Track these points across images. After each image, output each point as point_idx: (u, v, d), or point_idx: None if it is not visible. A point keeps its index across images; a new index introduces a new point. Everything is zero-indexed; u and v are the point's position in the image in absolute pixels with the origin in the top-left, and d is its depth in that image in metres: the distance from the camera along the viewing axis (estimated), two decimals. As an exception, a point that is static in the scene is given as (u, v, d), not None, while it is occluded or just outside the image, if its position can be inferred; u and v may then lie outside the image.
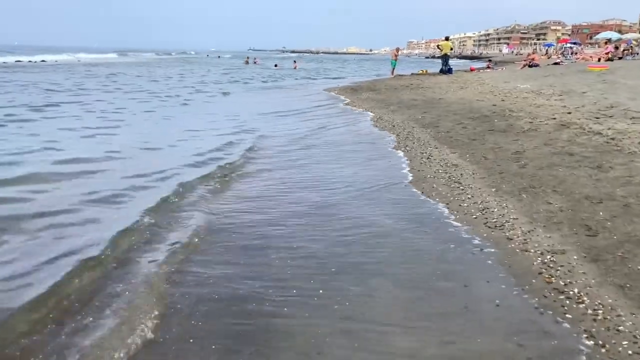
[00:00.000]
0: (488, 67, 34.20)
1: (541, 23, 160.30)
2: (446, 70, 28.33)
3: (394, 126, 10.40)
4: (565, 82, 16.59)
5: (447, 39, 30.40)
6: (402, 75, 29.22)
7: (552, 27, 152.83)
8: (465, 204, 5.24)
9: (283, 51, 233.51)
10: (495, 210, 4.97)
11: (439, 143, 8.46)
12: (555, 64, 28.78)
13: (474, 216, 4.88)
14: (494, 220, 4.71)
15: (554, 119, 9.58)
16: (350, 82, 26.50)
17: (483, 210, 5.02)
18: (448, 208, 5.19)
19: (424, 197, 5.67)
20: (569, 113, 10.08)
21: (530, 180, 5.85)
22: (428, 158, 7.40)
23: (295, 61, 46.41)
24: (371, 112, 12.94)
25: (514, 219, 4.70)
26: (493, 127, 9.44)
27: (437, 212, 5.09)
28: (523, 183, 5.76)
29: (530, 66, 28.53)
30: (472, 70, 32.60)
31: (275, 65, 44.79)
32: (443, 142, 8.48)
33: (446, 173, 6.50)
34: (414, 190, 5.90)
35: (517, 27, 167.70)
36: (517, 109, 11.27)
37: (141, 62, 57.46)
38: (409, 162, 7.29)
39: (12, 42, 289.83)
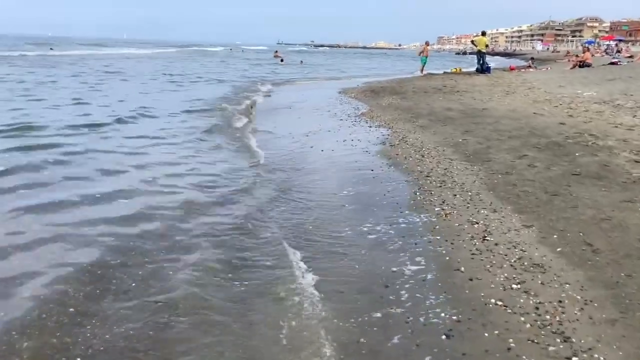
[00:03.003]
0: (529, 67, 30.40)
1: (577, 19, 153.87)
2: (484, 69, 24.79)
3: (422, 156, 7.10)
4: (642, 89, 13.05)
5: (483, 34, 26.69)
6: (433, 74, 25.77)
7: (589, 24, 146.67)
8: None
9: (311, 45, 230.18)
10: None
11: (496, 198, 5.17)
12: (612, 63, 24.95)
13: None
14: None
15: (672, 155, 6.20)
16: (373, 80, 23.12)
17: None
18: None
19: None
20: (689, 144, 6.68)
21: None
22: (484, 240, 4.12)
23: (301, 61, 45.61)
24: (391, 127, 9.64)
25: None
26: (577, 165, 6.11)
27: None
28: None
29: (581, 66, 24.79)
30: (512, 69, 28.88)
31: (282, 61, 42.91)
32: (503, 197, 5.19)
33: (526, 293, 3.24)
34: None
35: (551, 24, 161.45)
36: (600, 133, 7.89)
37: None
38: (450, 249, 4.01)
39: (46, 33, 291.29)
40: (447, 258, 3.83)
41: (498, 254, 3.84)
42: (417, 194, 5.46)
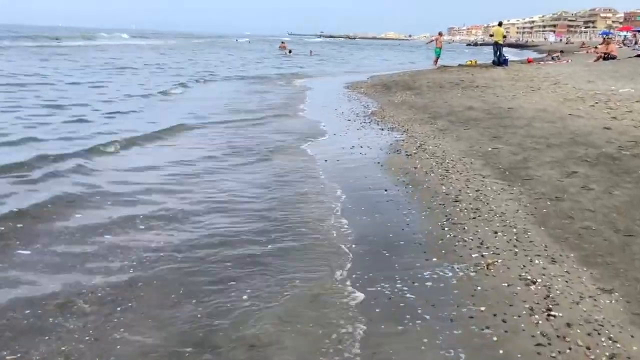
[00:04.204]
0: (559, 54, 28.93)
1: (590, 10, 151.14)
2: (500, 62, 23.35)
3: (446, 171, 5.83)
4: (686, 86, 11.66)
5: (500, 24, 25.25)
6: (447, 66, 24.34)
7: (602, 15, 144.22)
8: None
9: (321, 36, 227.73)
10: None
11: (551, 238, 3.90)
12: (638, 56, 23.39)
13: None
14: None
15: None
16: (383, 74, 21.72)
17: None
18: None
19: None
20: None
21: None
22: (549, 315, 2.86)
23: (311, 51, 44.87)
24: (406, 130, 8.37)
25: None
26: (645, 188, 4.82)
27: None
28: None
29: (605, 59, 23.28)
30: (529, 61, 27.39)
31: (289, 52, 41.76)
32: (559, 236, 3.91)
33: None
34: None
35: (564, 15, 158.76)
36: (658, 141, 6.57)
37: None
38: (503, 332, 2.74)
39: (57, 23, 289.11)
40: (501, 352, 2.58)
41: (576, 344, 2.58)
42: (446, 228, 4.20)
